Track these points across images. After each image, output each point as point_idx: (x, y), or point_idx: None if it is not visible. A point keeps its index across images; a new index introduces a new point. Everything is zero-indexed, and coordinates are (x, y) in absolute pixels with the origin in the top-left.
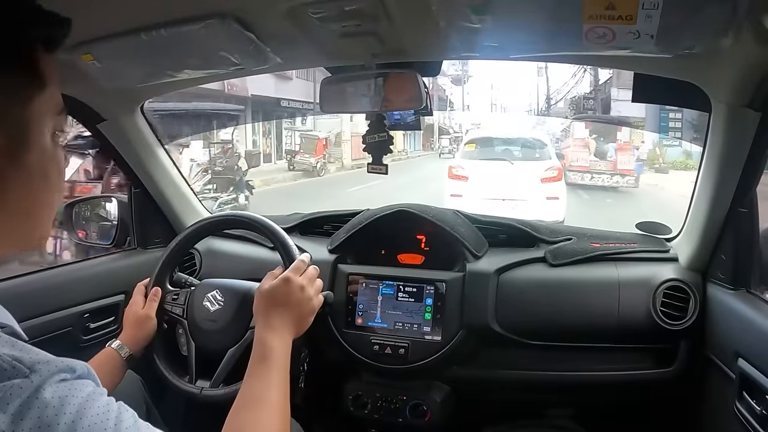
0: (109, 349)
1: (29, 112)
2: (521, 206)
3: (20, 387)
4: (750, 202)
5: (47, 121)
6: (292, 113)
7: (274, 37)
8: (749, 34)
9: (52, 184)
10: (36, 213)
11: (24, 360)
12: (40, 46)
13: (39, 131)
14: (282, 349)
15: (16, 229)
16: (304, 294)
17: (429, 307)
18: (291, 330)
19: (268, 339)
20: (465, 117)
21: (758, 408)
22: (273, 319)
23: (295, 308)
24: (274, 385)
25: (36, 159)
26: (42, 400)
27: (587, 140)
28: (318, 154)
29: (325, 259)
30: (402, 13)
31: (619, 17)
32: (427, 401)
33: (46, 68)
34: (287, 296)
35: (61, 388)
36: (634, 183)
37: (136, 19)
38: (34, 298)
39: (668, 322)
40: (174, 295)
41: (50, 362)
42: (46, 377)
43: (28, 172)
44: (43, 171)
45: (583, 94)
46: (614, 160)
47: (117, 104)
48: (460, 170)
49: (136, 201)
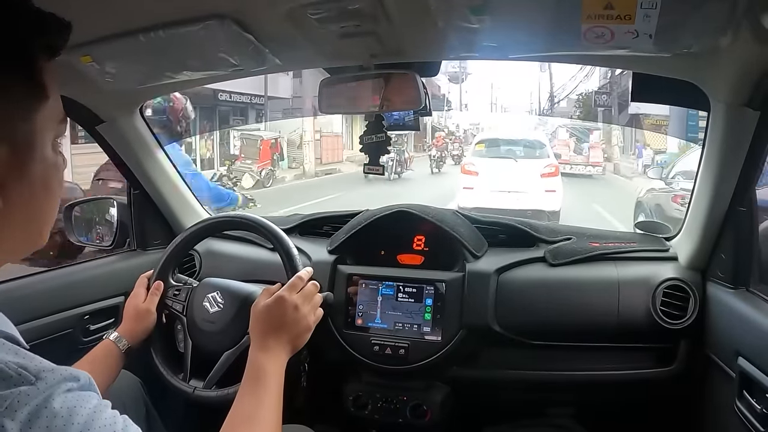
0: (107, 341)
1: (33, 122)
2: (524, 197)
3: (27, 394)
4: (749, 200)
5: (50, 130)
6: (243, 109)
7: (273, 38)
8: (748, 33)
9: (54, 192)
10: (37, 221)
11: (29, 367)
12: (42, 54)
13: (42, 141)
14: (276, 371)
15: (18, 237)
16: (299, 313)
17: (429, 308)
18: (286, 350)
19: (262, 361)
20: (463, 117)
21: (759, 407)
22: (268, 340)
23: (290, 328)
24: (267, 405)
25: (39, 169)
26: (51, 410)
27: (567, 141)
28: (263, 160)
29: (324, 259)
30: (401, 13)
31: (618, 17)
32: (428, 401)
33: (47, 76)
34: (282, 318)
35: (70, 399)
36: (602, 172)
37: (135, 20)
38: (34, 300)
39: (668, 321)
40: (176, 290)
41: (54, 370)
42: (52, 385)
43: (30, 182)
44: (45, 180)
45: (596, 89)
46: (588, 155)
47: (115, 106)
48: (471, 166)
49: (136, 202)
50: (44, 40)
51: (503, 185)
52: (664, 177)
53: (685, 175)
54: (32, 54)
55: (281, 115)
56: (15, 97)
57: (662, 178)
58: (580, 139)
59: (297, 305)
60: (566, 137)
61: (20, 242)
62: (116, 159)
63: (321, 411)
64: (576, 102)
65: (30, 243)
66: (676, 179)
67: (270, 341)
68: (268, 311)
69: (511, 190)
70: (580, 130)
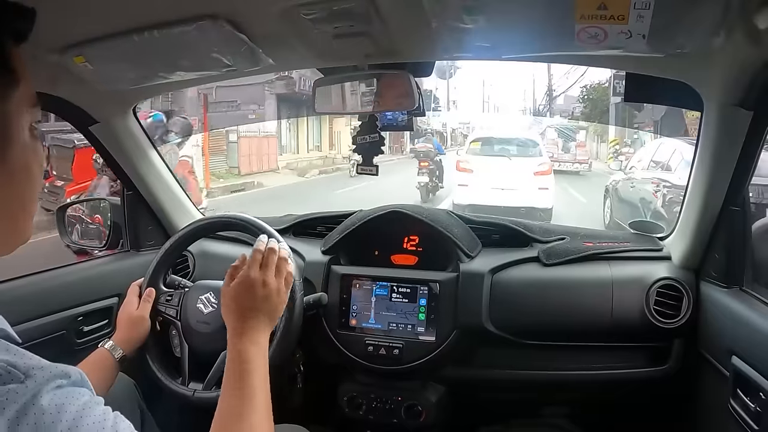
0: (102, 349)
1: (7, 108)
2: (517, 195)
3: (16, 392)
4: (742, 200)
5: (25, 115)
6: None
7: (266, 38)
8: (740, 33)
9: (35, 177)
10: (21, 209)
11: (18, 365)
12: (9, 41)
13: (18, 126)
14: (259, 357)
15: (4, 227)
16: (268, 288)
17: (423, 308)
18: (265, 329)
19: (243, 349)
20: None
21: (752, 405)
22: (244, 324)
23: (263, 305)
24: (255, 397)
25: (18, 154)
26: (39, 407)
27: (556, 140)
28: (80, 181)
29: (318, 260)
30: (394, 13)
31: (611, 17)
32: (422, 402)
33: (17, 62)
34: (252, 298)
35: (58, 395)
36: (588, 168)
37: (127, 20)
38: (27, 302)
39: (662, 320)
40: (168, 296)
41: (45, 368)
42: (41, 383)
43: (11, 169)
44: (26, 166)
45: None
46: (575, 153)
47: (109, 106)
48: (466, 164)
49: (129, 203)
50: (11, 25)
51: (498, 183)
52: (623, 168)
53: (638, 165)
54: (1, 41)
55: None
56: None
57: (621, 169)
58: (567, 138)
59: (264, 280)
60: (555, 136)
61: (6, 233)
62: (109, 160)
63: (316, 411)
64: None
65: (16, 234)
66: (632, 170)
67: (246, 325)
68: (236, 295)
69: (505, 187)
70: (567, 130)
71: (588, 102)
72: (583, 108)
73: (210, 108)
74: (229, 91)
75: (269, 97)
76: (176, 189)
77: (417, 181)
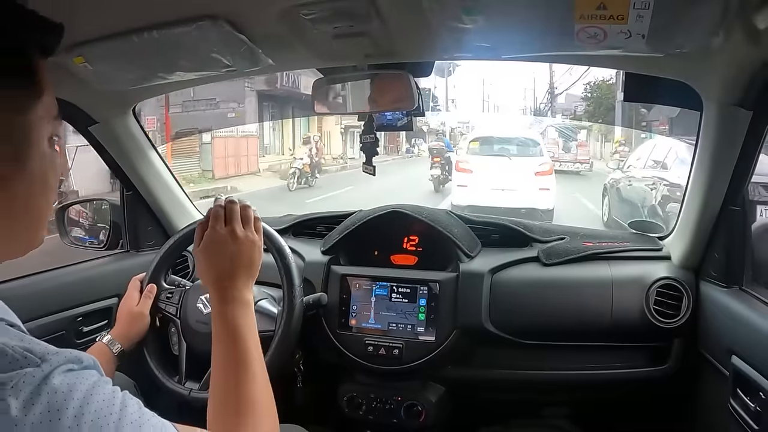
0: (100, 344)
1: (30, 118)
2: (518, 195)
3: (32, 375)
4: (742, 200)
5: (46, 126)
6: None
7: (266, 38)
8: (740, 33)
9: (51, 188)
10: (36, 217)
11: (35, 351)
12: (36, 53)
13: (39, 138)
14: (248, 316)
15: (19, 234)
16: (239, 240)
17: (422, 308)
18: (246, 282)
19: (227, 312)
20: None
21: (752, 405)
22: (223, 283)
23: (239, 259)
24: (253, 370)
25: (37, 165)
26: (51, 386)
27: (557, 139)
28: None
29: (318, 260)
30: (394, 14)
31: (611, 17)
32: (422, 402)
33: (42, 75)
34: (224, 257)
35: (69, 377)
36: (590, 168)
37: (127, 21)
38: (26, 302)
39: (661, 320)
40: (168, 293)
41: (59, 353)
42: (55, 366)
43: (30, 179)
44: (44, 176)
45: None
46: (575, 153)
47: (108, 107)
48: (465, 164)
49: (129, 203)
50: (39, 41)
51: (498, 183)
52: (620, 167)
53: (636, 164)
54: (29, 54)
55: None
56: (14, 95)
57: (619, 167)
58: (568, 138)
59: (232, 230)
60: (555, 136)
61: (21, 238)
62: (109, 160)
63: (315, 411)
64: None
65: (29, 240)
66: (630, 168)
67: (226, 285)
68: (208, 257)
69: (505, 187)
70: (568, 130)
71: (592, 100)
72: (587, 106)
73: (187, 107)
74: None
75: (249, 95)
76: (176, 189)
77: (430, 173)
